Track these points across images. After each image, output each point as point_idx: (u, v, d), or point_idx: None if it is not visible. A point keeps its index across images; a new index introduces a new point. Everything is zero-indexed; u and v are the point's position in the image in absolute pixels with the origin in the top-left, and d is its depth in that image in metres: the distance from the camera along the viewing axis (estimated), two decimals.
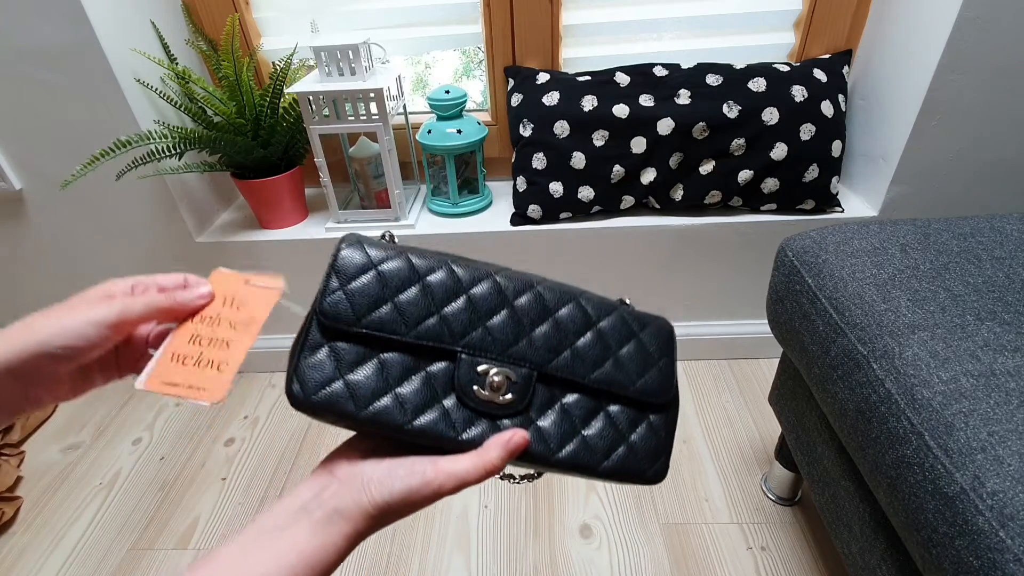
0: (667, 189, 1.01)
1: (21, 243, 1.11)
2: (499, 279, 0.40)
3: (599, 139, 0.97)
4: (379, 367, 0.38)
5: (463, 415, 0.38)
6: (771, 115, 0.93)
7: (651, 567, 0.83)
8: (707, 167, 0.98)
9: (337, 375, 0.37)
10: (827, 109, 0.94)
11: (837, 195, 1.01)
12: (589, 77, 1.00)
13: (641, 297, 1.12)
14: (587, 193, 1.00)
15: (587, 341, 0.41)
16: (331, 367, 0.37)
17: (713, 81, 0.95)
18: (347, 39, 0.90)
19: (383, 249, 0.39)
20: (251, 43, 1.07)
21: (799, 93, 0.94)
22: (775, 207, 1.01)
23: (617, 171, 0.98)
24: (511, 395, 0.39)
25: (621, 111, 0.95)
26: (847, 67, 1.00)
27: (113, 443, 1.10)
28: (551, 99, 0.98)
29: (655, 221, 1.03)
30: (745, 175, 0.97)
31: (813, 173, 0.97)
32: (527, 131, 1.00)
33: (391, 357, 0.38)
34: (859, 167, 1.05)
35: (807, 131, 0.94)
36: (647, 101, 0.96)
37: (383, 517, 0.35)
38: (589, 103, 0.96)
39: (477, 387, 0.38)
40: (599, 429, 0.40)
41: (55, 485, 1.02)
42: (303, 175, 1.11)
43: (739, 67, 0.97)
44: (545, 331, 0.40)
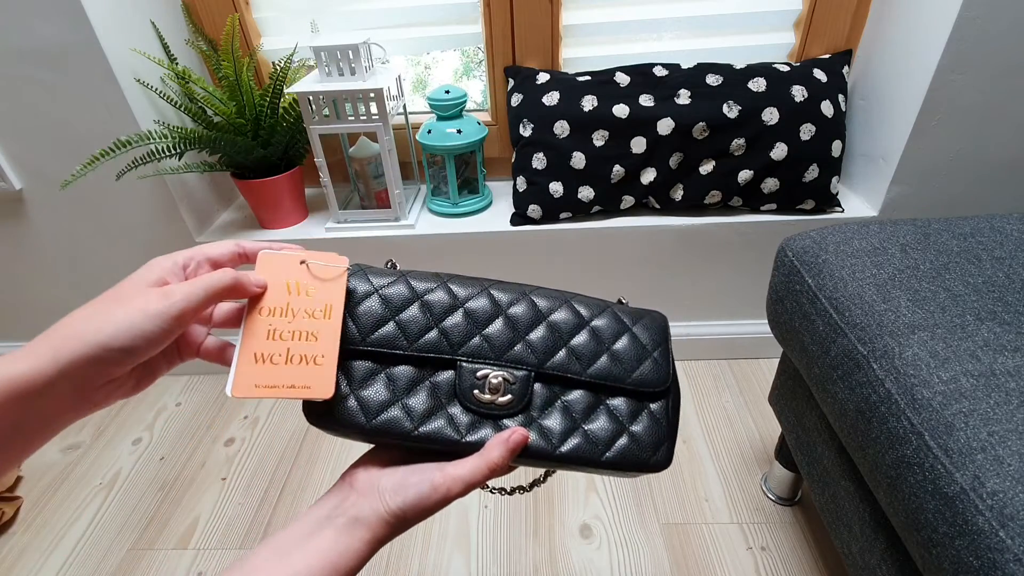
0: (667, 189, 1.01)
1: (21, 243, 1.11)
2: (493, 292, 0.43)
3: (599, 139, 0.97)
4: (387, 381, 0.41)
5: (467, 419, 0.41)
6: (771, 115, 0.93)
7: (651, 567, 0.83)
8: (707, 167, 0.98)
9: (349, 391, 0.40)
10: (827, 109, 0.94)
11: (837, 195, 1.01)
12: (589, 77, 1.00)
13: (641, 297, 1.12)
14: (587, 193, 1.00)
15: (582, 340, 0.43)
16: (343, 384, 0.40)
17: (713, 81, 0.95)
18: (347, 39, 0.90)
19: (384, 276, 0.43)
20: (251, 43, 1.07)
21: (799, 93, 0.94)
22: (775, 207, 1.01)
23: (617, 171, 0.98)
24: (510, 396, 0.41)
25: (621, 111, 0.95)
26: (847, 67, 1.00)
27: (113, 443, 1.10)
28: (551, 99, 0.98)
29: (655, 221, 1.03)
30: (745, 175, 0.97)
31: (813, 173, 0.97)
32: (527, 131, 1.00)
33: (397, 371, 0.41)
34: (859, 167, 1.05)
35: (807, 131, 0.94)
36: (647, 101, 0.96)
37: (400, 523, 0.37)
38: (589, 103, 0.96)
39: (477, 391, 0.41)
40: (600, 422, 0.42)
41: (55, 485, 1.02)
42: (303, 175, 1.11)
43: (739, 67, 0.97)
44: (541, 334, 0.42)
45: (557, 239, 1.05)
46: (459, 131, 1.00)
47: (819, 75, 0.96)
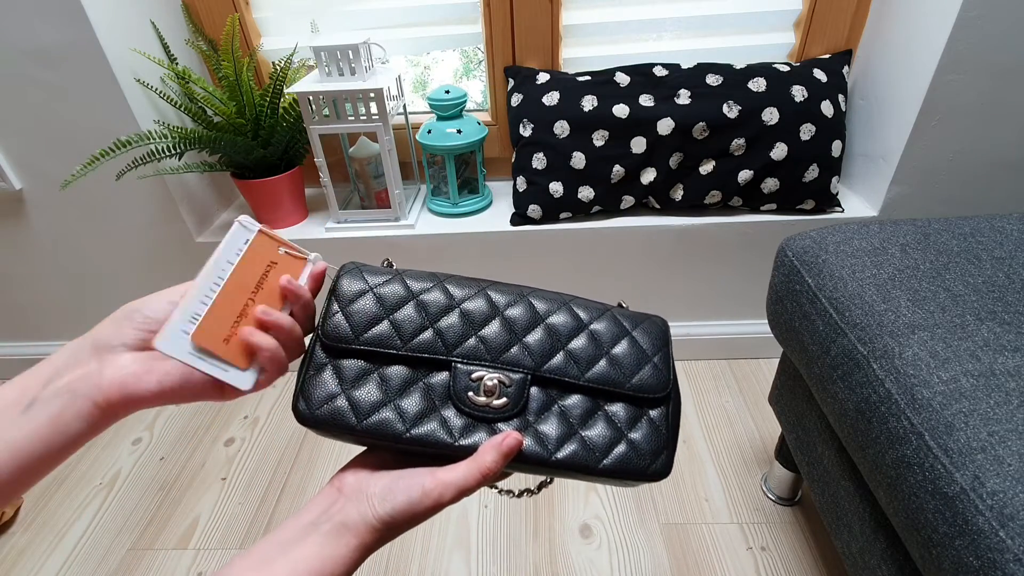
0: (667, 189, 1.01)
1: (21, 243, 1.11)
2: (490, 293, 0.42)
3: (599, 139, 0.97)
4: (380, 381, 0.40)
5: (461, 422, 0.39)
6: (771, 115, 0.93)
7: (651, 567, 0.83)
8: (707, 167, 0.98)
9: (339, 391, 0.39)
10: (827, 109, 0.94)
11: (837, 195, 1.01)
12: (589, 77, 1.00)
13: (641, 297, 1.12)
14: (587, 193, 1.00)
15: (580, 343, 0.42)
16: (334, 384, 0.39)
17: (713, 81, 0.95)
18: (347, 39, 0.90)
19: (380, 274, 0.42)
20: (251, 43, 1.07)
21: (799, 93, 0.94)
22: (775, 207, 1.01)
23: (617, 171, 0.98)
24: (505, 399, 0.40)
25: (621, 111, 0.95)
26: (847, 67, 1.00)
27: (113, 443, 1.10)
28: (551, 99, 0.98)
29: (655, 221, 1.03)
30: (745, 175, 0.97)
31: (813, 173, 0.96)
32: (527, 131, 1.00)
33: (391, 371, 0.40)
34: (859, 167, 1.05)
35: (807, 131, 0.94)
36: (647, 101, 0.96)
37: (388, 530, 0.36)
38: (589, 103, 0.96)
39: (472, 393, 0.40)
40: (598, 428, 0.41)
41: (55, 485, 1.02)
42: (303, 175, 1.11)
43: (739, 67, 0.97)
44: (538, 337, 0.41)
45: (557, 239, 1.05)
46: (459, 131, 1.00)
47: (819, 75, 0.96)
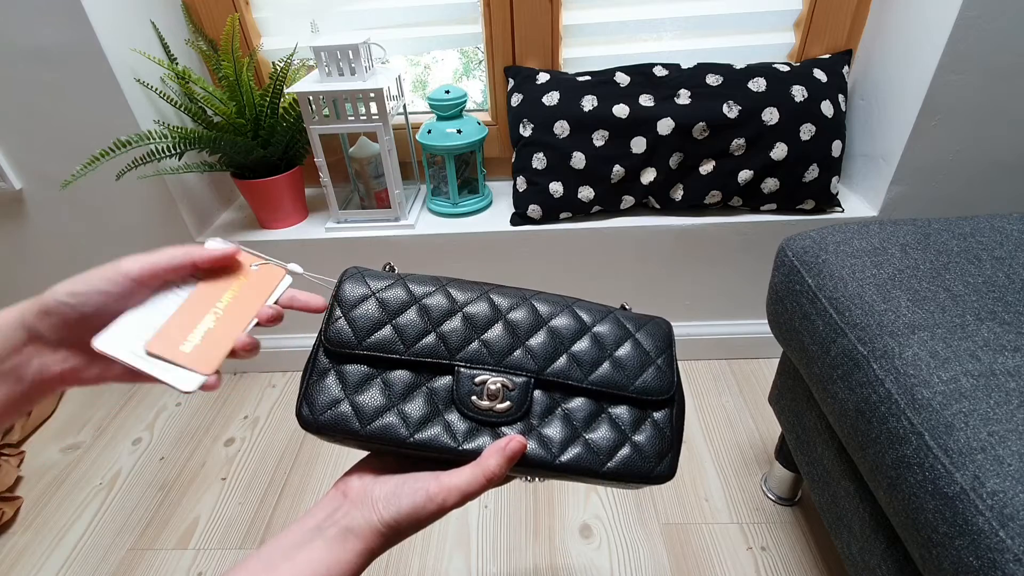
0: (667, 189, 1.01)
1: (21, 243, 1.11)
2: (493, 296, 0.42)
3: (599, 139, 0.97)
4: (383, 386, 0.40)
5: (464, 427, 0.39)
6: (771, 115, 0.93)
7: (651, 567, 0.83)
8: (707, 167, 0.98)
9: (343, 396, 0.39)
10: (827, 109, 0.94)
11: (837, 195, 1.01)
12: (589, 77, 1.00)
13: (641, 297, 1.12)
14: (587, 193, 1.00)
15: (583, 346, 0.41)
16: (337, 389, 0.39)
17: (713, 81, 0.95)
18: (347, 39, 0.90)
19: (382, 279, 0.42)
20: (251, 43, 1.07)
21: (799, 93, 0.94)
22: (775, 207, 1.01)
23: (617, 171, 0.98)
24: (508, 403, 0.40)
25: (621, 111, 0.95)
26: (847, 67, 1.00)
27: (113, 443, 1.10)
28: (551, 99, 0.98)
29: (655, 221, 1.03)
30: (745, 175, 0.97)
31: (813, 173, 0.96)
32: (527, 131, 1.00)
33: (394, 376, 0.40)
34: (859, 167, 1.05)
35: (807, 131, 0.94)
36: (647, 101, 0.96)
37: (393, 535, 0.36)
38: (589, 103, 0.96)
39: (475, 397, 0.40)
40: (602, 431, 0.41)
41: (55, 485, 1.02)
42: (303, 175, 1.11)
43: (739, 67, 0.97)
44: (541, 340, 0.41)
45: (557, 239, 1.05)
46: (459, 131, 1.00)
47: (819, 75, 0.96)
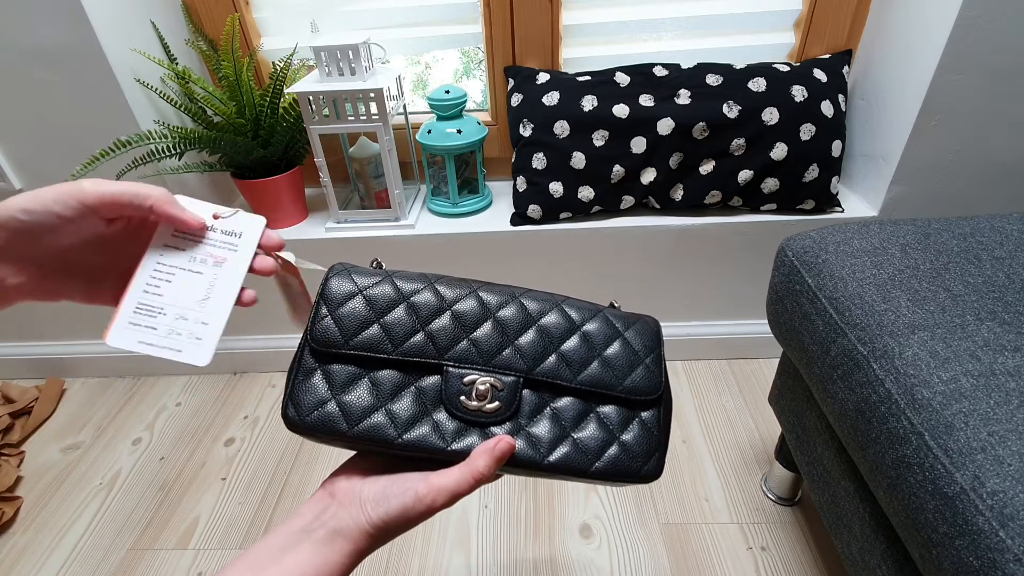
0: (667, 189, 1.01)
1: None
2: (482, 294, 0.42)
3: (599, 139, 0.97)
4: (370, 386, 0.39)
5: (453, 426, 0.39)
6: (771, 115, 0.93)
7: (651, 567, 0.83)
8: (707, 167, 0.98)
9: (329, 396, 0.39)
10: (827, 109, 0.94)
11: (837, 195, 1.01)
12: (589, 77, 1.00)
13: (641, 297, 1.12)
14: (587, 193, 1.00)
15: (572, 345, 0.41)
16: (324, 389, 0.39)
17: (713, 81, 0.95)
18: (347, 39, 0.90)
19: (369, 276, 0.41)
20: (251, 43, 1.06)
21: (799, 93, 0.94)
22: (775, 207, 1.01)
23: (617, 171, 0.98)
24: (497, 403, 0.40)
25: (621, 111, 0.95)
26: (847, 67, 1.00)
27: (113, 443, 1.10)
28: (551, 99, 0.98)
29: (655, 221, 1.03)
30: (745, 175, 0.97)
31: (813, 173, 0.96)
32: (527, 131, 1.00)
33: (382, 375, 0.40)
34: (859, 167, 1.05)
35: (807, 131, 0.94)
36: (647, 101, 0.96)
37: (382, 535, 0.36)
38: (589, 103, 0.96)
39: (464, 397, 0.39)
40: (590, 431, 0.41)
41: (55, 485, 1.02)
42: (303, 175, 1.11)
43: (739, 67, 0.97)
44: (530, 339, 0.41)
45: (557, 239, 1.05)
46: (459, 131, 1.00)
47: (819, 75, 0.96)
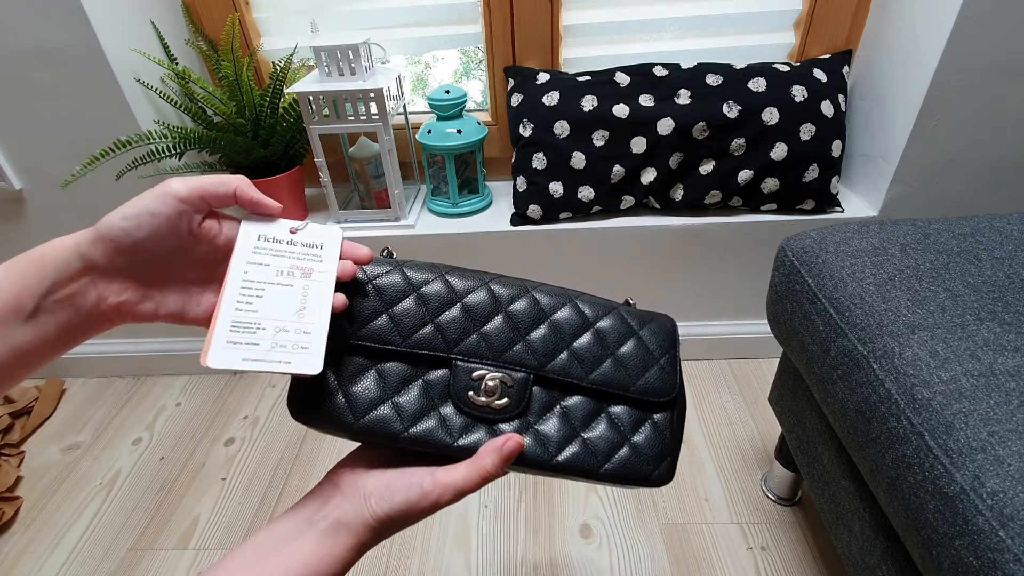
0: (667, 189, 1.01)
1: (21, 243, 1.11)
2: (493, 287, 0.40)
3: (599, 139, 0.97)
4: (378, 377, 0.38)
5: (460, 422, 0.38)
6: (771, 115, 0.93)
7: (651, 567, 0.83)
8: (707, 167, 0.98)
9: (337, 387, 0.38)
10: (827, 109, 0.94)
11: (837, 195, 1.01)
12: (589, 77, 1.00)
13: (641, 297, 1.12)
14: (587, 193, 1.00)
15: (585, 342, 0.40)
16: (331, 380, 0.38)
17: (713, 81, 0.95)
18: (347, 39, 0.90)
19: (378, 265, 0.40)
20: (251, 43, 1.06)
21: (799, 93, 0.94)
22: (775, 207, 1.01)
23: (617, 171, 0.98)
24: (506, 399, 0.39)
25: (621, 111, 0.95)
26: (847, 67, 1.00)
27: (113, 443, 1.10)
28: (551, 99, 0.98)
29: (655, 221, 1.03)
30: (745, 175, 0.97)
31: (813, 173, 0.96)
32: (527, 131, 1.00)
33: (389, 367, 0.39)
34: (859, 167, 1.05)
35: (807, 131, 0.94)
36: (647, 101, 0.96)
37: (385, 529, 0.35)
38: (589, 103, 0.96)
39: (472, 393, 0.38)
40: (600, 431, 0.40)
41: (55, 485, 1.02)
42: (303, 175, 1.11)
43: (739, 67, 0.97)
44: (542, 334, 0.40)
45: (557, 239, 1.05)
46: (459, 131, 1.00)
47: (819, 75, 0.96)
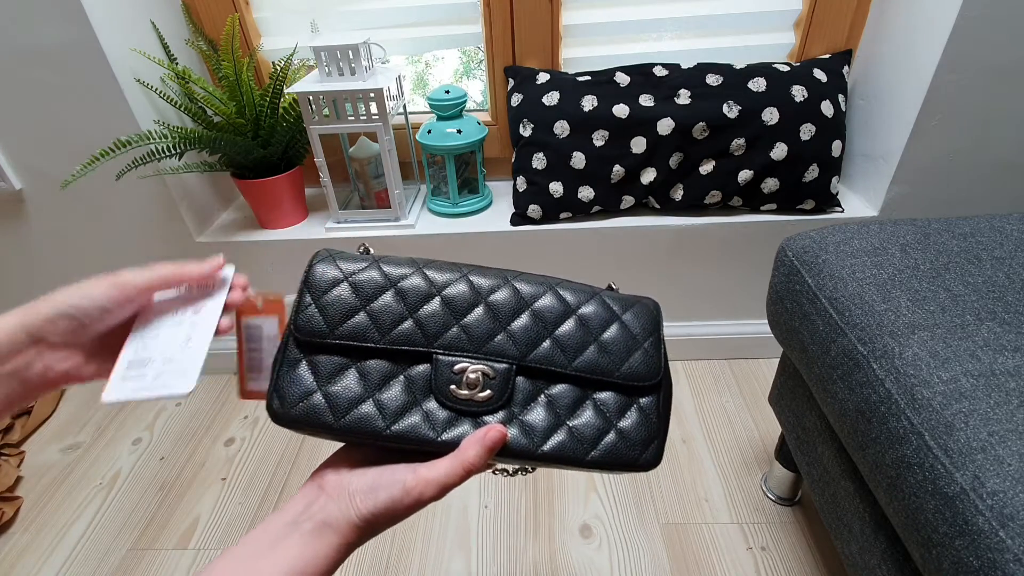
0: (667, 189, 1.01)
1: (21, 243, 1.11)
2: (473, 278, 0.40)
3: (599, 139, 0.97)
4: (358, 375, 0.38)
5: (444, 416, 0.38)
6: (771, 115, 0.93)
7: (651, 567, 0.83)
8: (707, 167, 0.98)
9: (315, 387, 0.37)
10: (827, 109, 0.94)
11: (837, 195, 1.01)
12: (589, 77, 1.00)
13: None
14: (587, 193, 1.00)
15: (567, 329, 0.40)
16: (309, 380, 0.38)
17: (713, 81, 0.95)
18: (347, 39, 0.90)
19: (355, 261, 0.40)
20: (251, 43, 1.06)
21: (799, 93, 0.94)
22: (775, 207, 1.01)
23: (617, 171, 0.98)
24: (489, 391, 0.38)
25: (621, 111, 0.95)
26: (847, 67, 1.00)
27: (113, 443, 1.10)
28: (551, 99, 0.98)
29: (655, 221, 1.03)
30: (745, 175, 0.97)
31: (813, 173, 0.96)
32: (527, 131, 1.00)
33: (370, 364, 0.38)
34: (859, 167, 1.05)
35: (807, 131, 0.94)
36: (647, 101, 0.96)
37: (370, 528, 0.35)
38: (589, 103, 0.96)
39: (454, 386, 0.38)
40: (586, 418, 0.39)
41: (55, 485, 1.02)
42: (303, 175, 1.11)
43: (739, 67, 0.97)
44: (524, 324, 0.39)
45: (557, 239, 1.05)
46: (459, 131, 1.00)
47: (819, 75, 0.96)
